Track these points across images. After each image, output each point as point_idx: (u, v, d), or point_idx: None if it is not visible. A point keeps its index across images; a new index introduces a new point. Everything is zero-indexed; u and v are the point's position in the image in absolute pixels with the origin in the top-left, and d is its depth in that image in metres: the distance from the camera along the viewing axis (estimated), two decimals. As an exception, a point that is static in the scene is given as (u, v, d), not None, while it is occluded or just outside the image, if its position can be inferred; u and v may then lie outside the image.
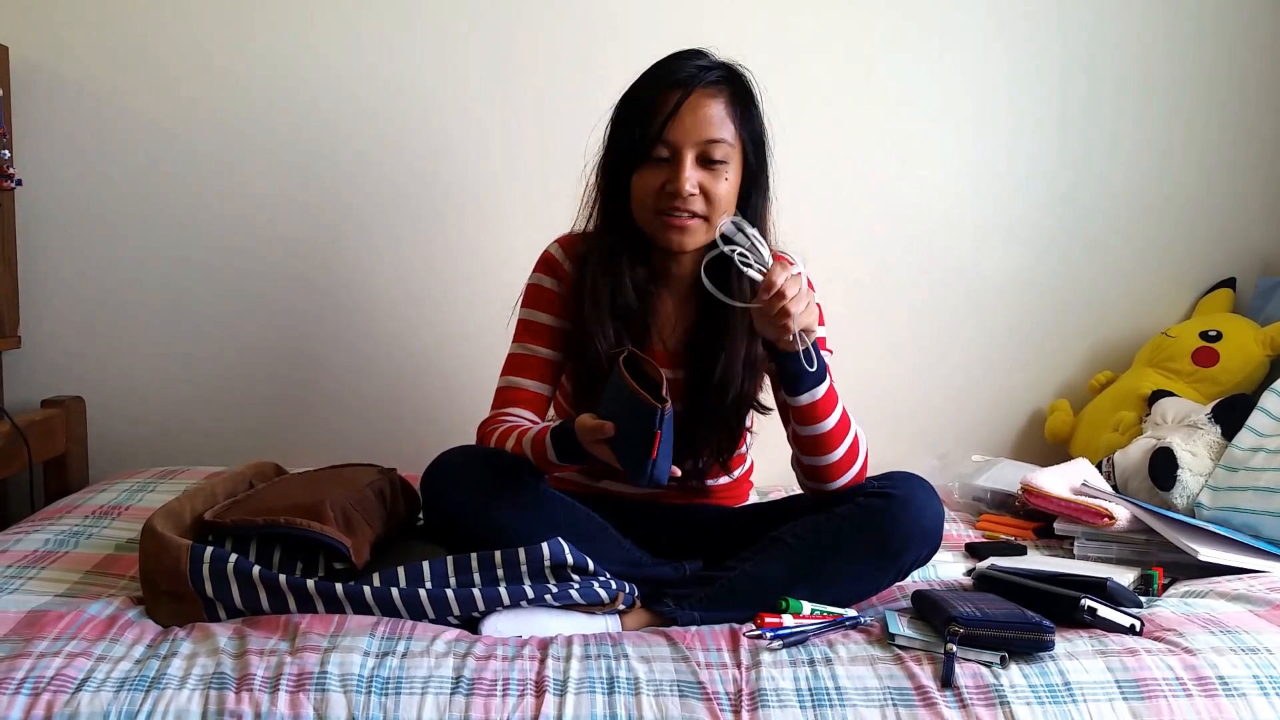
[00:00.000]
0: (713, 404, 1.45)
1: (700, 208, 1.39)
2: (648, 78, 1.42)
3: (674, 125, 1.37)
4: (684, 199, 1.37)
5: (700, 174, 1.38)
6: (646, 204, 1.40)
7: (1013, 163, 2.25)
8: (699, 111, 1.38)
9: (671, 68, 1.41)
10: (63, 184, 2.13)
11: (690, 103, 1.37)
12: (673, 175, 1.38)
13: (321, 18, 2.13)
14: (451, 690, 1.10)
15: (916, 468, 1.48)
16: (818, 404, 1.35)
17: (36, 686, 1.08)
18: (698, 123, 1.37)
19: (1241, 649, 1.18)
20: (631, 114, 1.41)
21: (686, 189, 1.37)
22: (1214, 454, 1.79)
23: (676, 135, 1.37)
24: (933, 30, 2.20)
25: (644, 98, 1.40)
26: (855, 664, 1.16)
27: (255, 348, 2.20)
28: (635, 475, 1.23)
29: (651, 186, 1.39)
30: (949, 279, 2.26)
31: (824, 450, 1.38)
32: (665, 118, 1.37)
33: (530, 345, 1.51)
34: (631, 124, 1.40)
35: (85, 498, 1.81)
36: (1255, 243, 2.29)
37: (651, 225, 1.42)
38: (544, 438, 1.35)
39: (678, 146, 1.38)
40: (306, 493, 1.39)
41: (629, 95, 1.43)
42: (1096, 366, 2.29)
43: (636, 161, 1.40)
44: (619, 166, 1.43)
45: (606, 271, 1.45)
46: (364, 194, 2.17)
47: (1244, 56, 2.24)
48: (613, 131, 1.45)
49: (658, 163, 1.39)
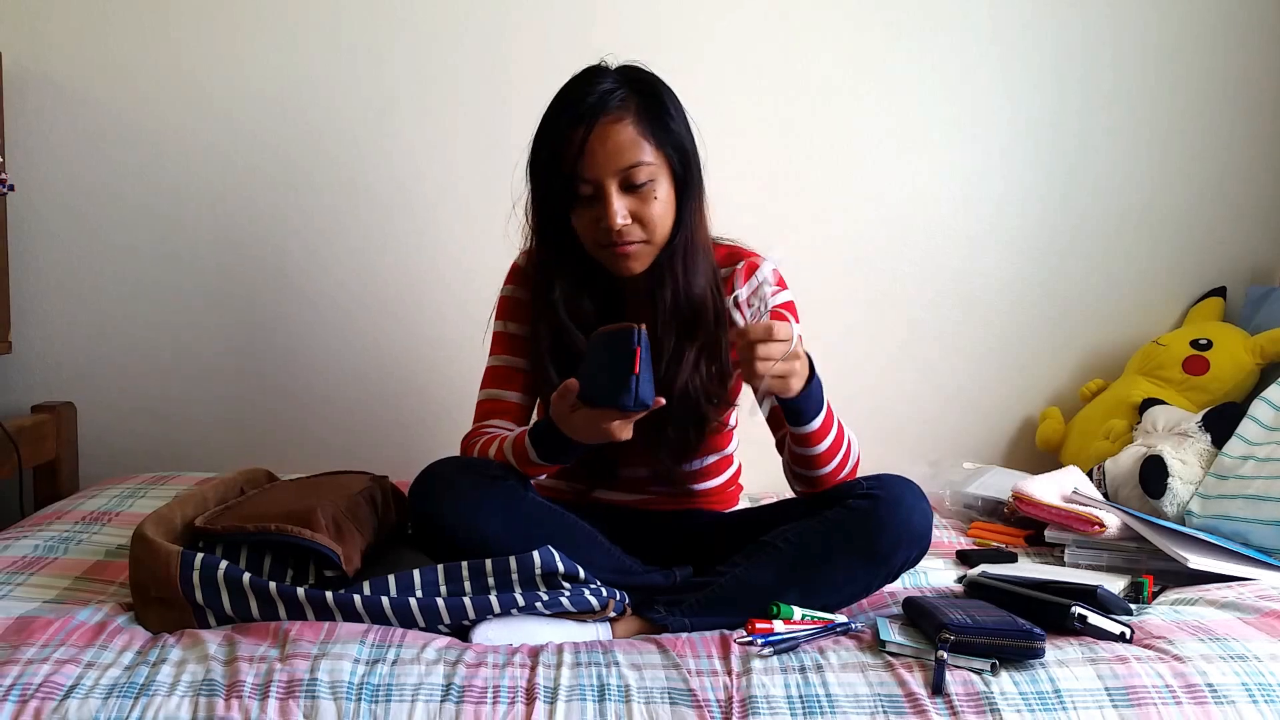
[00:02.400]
0: (677, 414, 1.43)
1: (638, 234, 1.36)
2: (550, 116, 1.37)
3: (587, 163, 1.33)
4: (620, 232, 1.35)
5: (628, 201, 1.35)
6: (587, 240, 1.39)
7: (1005, 171, 2.26)
8: (609, 142, 1.33)
9: (571, 100, 1.35)
10: (54, 190, 2.13)
11: (598, 134, 1.32)
12: (601, 212, 1.35)
13: (308, 29, 2.14)
14: (442, 698, 1.10)
15: (908, 475, 1.48)
16: (813, 433, 1.37)
17: (24, 693, 1.08)
18: (609, 154, 1.33)
19: (1231, 656, 1.18)
20: (543, 159, 1.37)
21: (618, 222, 1.34)
22: (1204, 462, 1.79)
23: (593, 172, 1.33)
24: (926, 40, 2.21)
25: (551, 140, 1.36)
26: (846, 671, 1.16)
27: (247, 354, 2.20)
28: (621, 397, 1.21)
29: (587, 224, 1.38)
30: (941, 287, 2.27)
31: (817, 465, 1.40)
32: (574, 158, 1.33)
33: (506, 357, 1.52)
34: (547, 169, 1.37)
35: (75, 503, 1.80)
36: (1246, 252, 2.30)
37: (600, 256, 1.41)
38: (524, 440, 1.35)
39: (598, 181, 1.34)
40: (298, 500, 1.39)
41: (538, 138, 1.38)
42: (1087, 374, 2.30)
43: (562, 204, 1.38)
44: (549, 208, 1.41)
45: (544, 317, 1.44)
46: (354, 203, 2.18)
47: (1236, 67, 2.25)
48: (532, 174, 1.41)
49: (586, 200, 1.36)
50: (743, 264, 1.49)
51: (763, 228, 1.57)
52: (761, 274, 1.30)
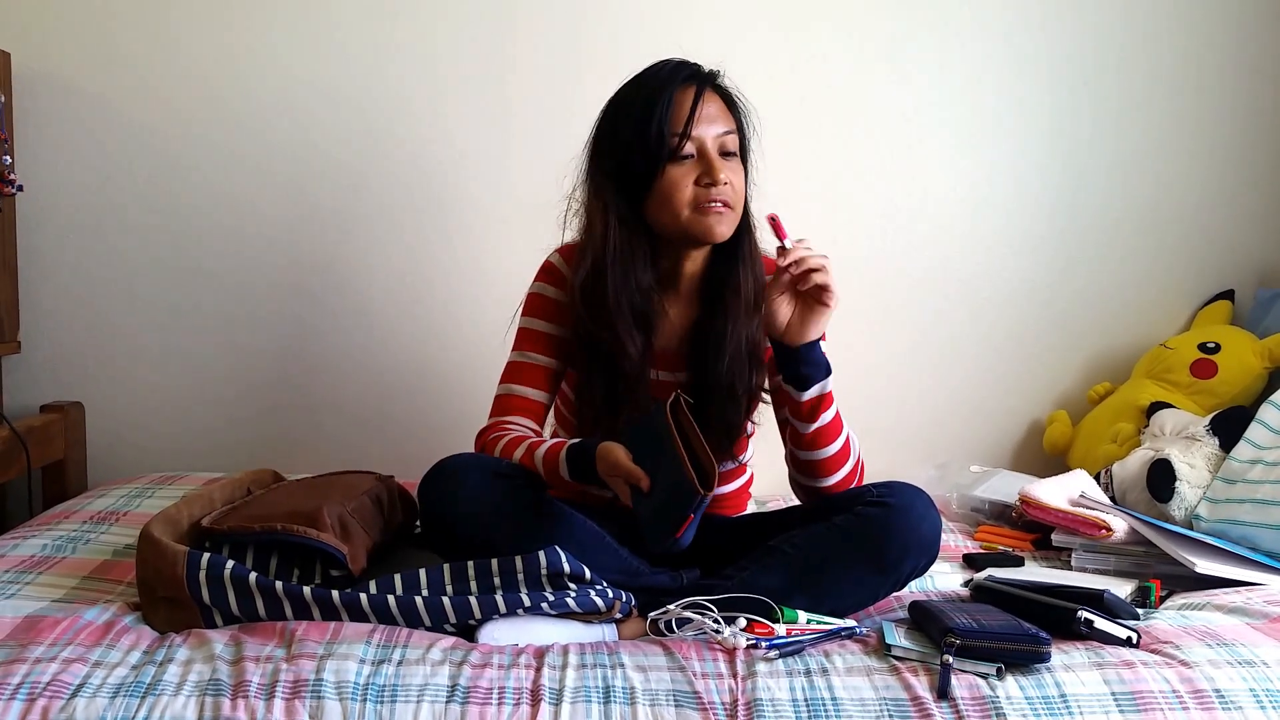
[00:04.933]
0: (716, 401, 1.46)
1: (731, 196, 1.41)
2: (651, 79, 1.43)
3: (699, 119, 1.40)
4: (720, 188, 1.40)
5: (724, 164, 1.41)
6: (680, 200, 1.40)
7: (1013, 174, 2.25)
8: (713, 106, 1.42)
9: (675, 69, 1.43)
10: (63, 190, 2.13)
11: (707, 97, 1.42)
12: (706, 168, 1.40)
13: (318, 28, 2.14)
14: (447, 698, 1.10)
15: (915, 478, 1.48)
16: (824, 398, 1.38)
17: (32, 692, 1.08)
18: (714, 117, 1.42)
19: (1238, 662, 1.18)
20: (647, 117, 1.40)
21: (722, 178, 1.39)
22: (1212, 466, 1.78)
23: (701, 130, 1.40)
24: (935, 42, 2.21)
25: (655, 98, 1.40)
26: (851, 675, 1.16)
27: (254, 354, 2.20)
28: (652, 542, 1.23)
29: (682, 185, 1.40)
30: (948, 289, 2.26)
31: (822, 444, 1.40)
32: (689, 112, 1.39)
33: (530, 353, 1.52)
34: (649, 126, 1.39)
35: (83, 503, 1.81)
36: (1254, 255, 2.29)
37: (686, 220, 1.41)
38: (558, 454, 1.35)
39: (703, 140, 1.40)
40: (304, 500, 1.39)
41: (635, 101, 1.42)
42: (1095, 378, 2.29)
43: (659, 163, 1.40)
44: (631, 170, 1.42)
45: (628, 276, 1.45)
46: (363, 201, 2.18)
47: (1243, 71, 2.24)
48: (617, 140, 1.44)
49: (682, 160, 1.40)
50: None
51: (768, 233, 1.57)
52: None
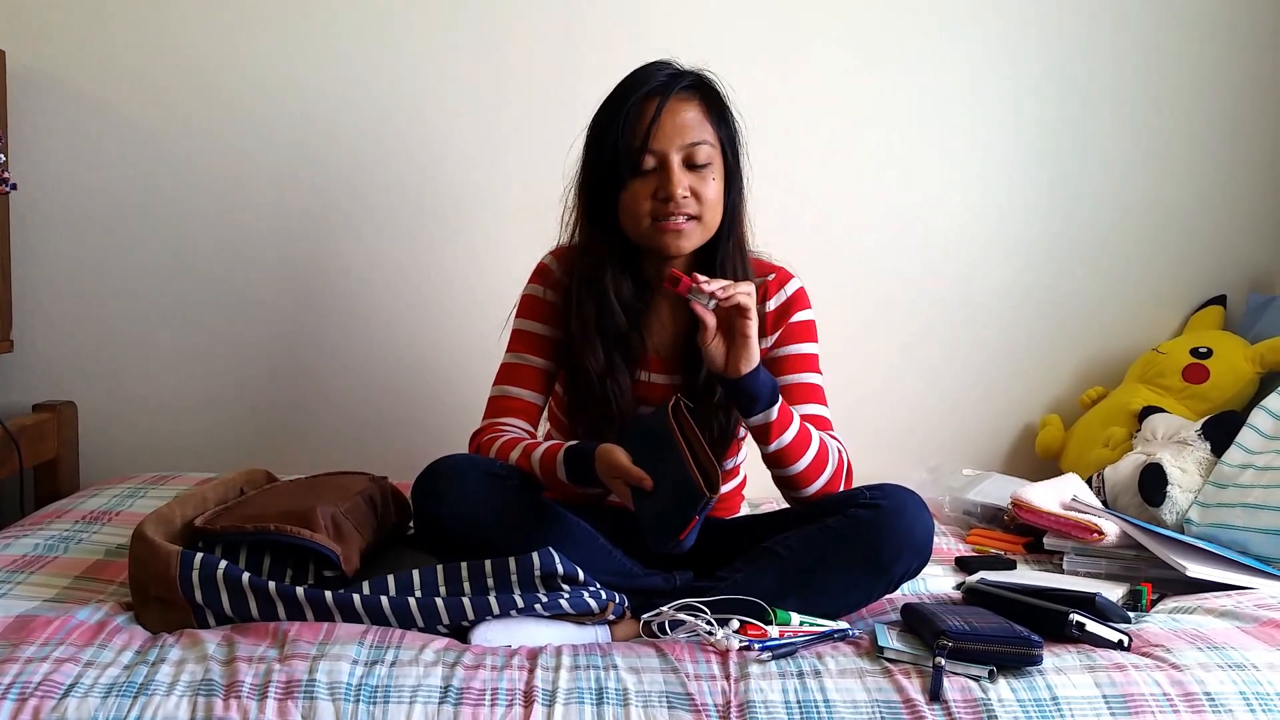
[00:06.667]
0: (708, 404, 1.46)
1: (694, 209, 1.41)
2: (620, 91, 1.44)
3: (656, 133, 1.39)
4: (678, 203, 1.39)
5: (688, 177, 1.40)
6: (639, 214, 1.41)
7: (1006, 178, 2.26)
8: (678, 116, 1.40)
9: (643, 78, 1.43)
10: (57, 189, 2.13)
11: (669, 108, 1.40)
12: (663, 181, 1.39)
13: (315, 25, 2.14)
14: (440, 699, 1.10)
15: (907, 481, 1.49)
16: (773, 424, 1.37)
17: (23, 692, 1.08)
18: (678, 127, 1.40)
19: (1229, 665, 1.18)
20: (610, 128, 1.41)
21: (679, 193, 1.39)
22: (1203, 470, 1.79)
23: (660, 142, 1.39)
24: (927, 46, 2.21)
25: (621, 110, 1.41)
26: (844, 677, 1.16)
27: (247, 354, 2.20)
28: (655, 544, 1.24)
29: (641, 197, 1.41)
30: (941, 293, 2.27)
31: (788, 462, 1.40)
32: (648, 126, 1.39)
33: (524, 355, 1.52)
34: (612, 138, 1.40)
35: (76, 503, 1.80)
36: (1246, 260, 2.30)
37: (646, 234, 1.43)
38: (555, 456, 1.35)
39: (663, 153, 1.39)
40: (297, 500, 1.39)
41: (605, 111, 1.44)
42: (1087, 382, 2.30)
43: (623, 176, 1.41)
44: (603, 182, 1.43)
45: (591, 293, 1.46)
46: (358, 202, 2.18)
47: (1237, 75, 2.25)
48: (591, 148, 1.45)
49: (645, 174, 1.40)
50: (773, 276, 1.54)
51: (763, 236, 1.58)
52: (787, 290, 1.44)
